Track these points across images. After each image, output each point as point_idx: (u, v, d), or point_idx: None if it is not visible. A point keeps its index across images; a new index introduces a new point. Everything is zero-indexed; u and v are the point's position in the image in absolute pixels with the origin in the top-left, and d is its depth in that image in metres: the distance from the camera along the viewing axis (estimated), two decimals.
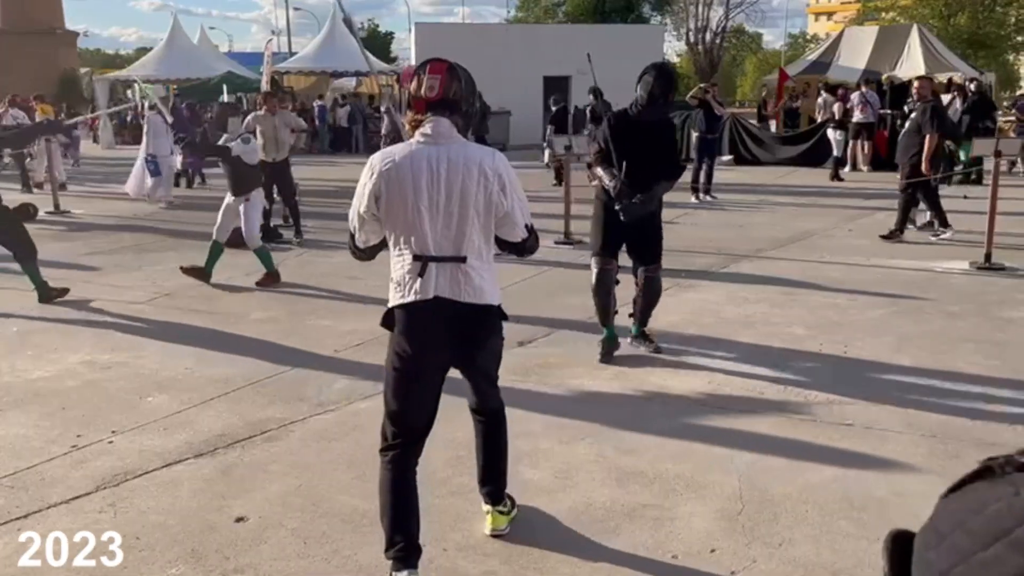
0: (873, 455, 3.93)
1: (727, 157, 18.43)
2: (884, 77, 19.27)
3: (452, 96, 2.86)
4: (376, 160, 2.88)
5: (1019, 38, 34.60)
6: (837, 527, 3.30)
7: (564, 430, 4.27)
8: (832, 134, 15.97)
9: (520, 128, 22.19)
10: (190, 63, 26.80)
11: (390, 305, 2.97)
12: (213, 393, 4.81)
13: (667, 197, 5.41)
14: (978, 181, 13.90)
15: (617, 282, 5.46)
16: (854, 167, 16.51)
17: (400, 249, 2.90)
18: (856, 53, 21.18)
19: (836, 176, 15.30)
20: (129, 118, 25.33)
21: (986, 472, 0.55)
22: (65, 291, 6.93)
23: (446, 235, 2.83)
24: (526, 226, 3.01)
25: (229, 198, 7.59)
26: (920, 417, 4.37)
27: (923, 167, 8.95)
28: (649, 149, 5.07)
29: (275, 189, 9.72)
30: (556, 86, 26.49)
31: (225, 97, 20.21)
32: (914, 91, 10.44)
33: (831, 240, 9.47)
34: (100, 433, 4.25)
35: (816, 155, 17.14)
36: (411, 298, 2.87)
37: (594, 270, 5.35)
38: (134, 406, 4.65)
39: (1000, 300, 6.76)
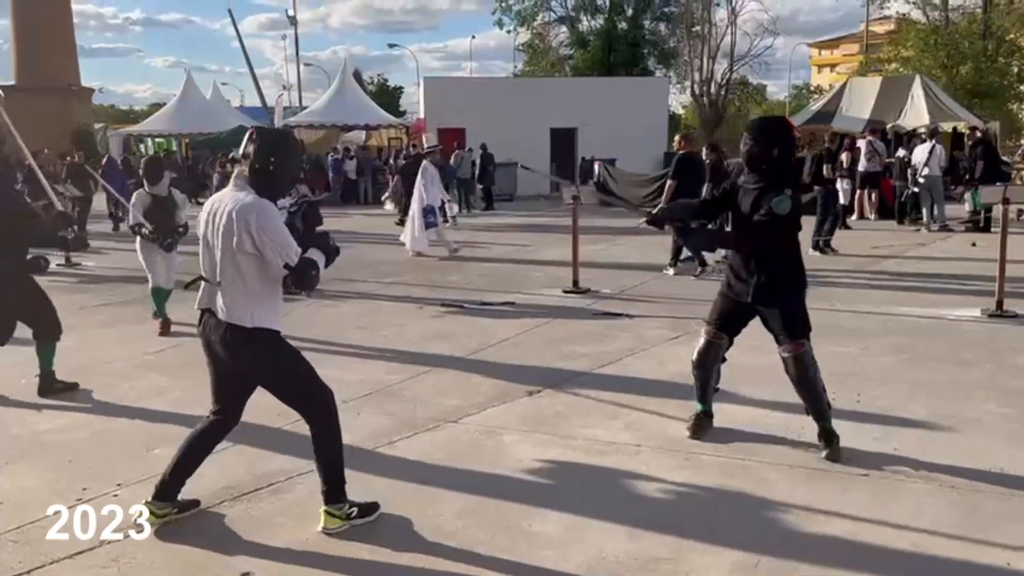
0: (891, 506, 3.85)
1: None
2: (889, 127, 19.44)
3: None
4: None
5: (1022, 87, 34.91)
6: None
7: (574, 481, 4.22)
8: (839, 183, 16.03)
9: (527, 179, 22.39)
10: (202, 118, 27.28)
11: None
12: (220, 445, 4.76)
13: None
14: (986, 229, 13.91)
15: (724, 359, 4.92)
16: (861, 216, 16.55)
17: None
18: (860, 103, 21.42)
19: (843, 225, 15.31)
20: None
21: None
22: (74, 386, 6.01)
23: None
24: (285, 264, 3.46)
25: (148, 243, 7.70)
26: (936, 467, 4.29)
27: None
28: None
29: None
30: (563, 138, 26.88)
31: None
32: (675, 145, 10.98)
33: (840, 288, 9.44)
34: (106, 486, 4.22)
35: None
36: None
37: (700, 340, 4.86)
38: (141, 458, 4.61)
39: (1012, 348, 6.70)
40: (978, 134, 15.57)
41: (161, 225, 7.63)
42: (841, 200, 15.78)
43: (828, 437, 4.47)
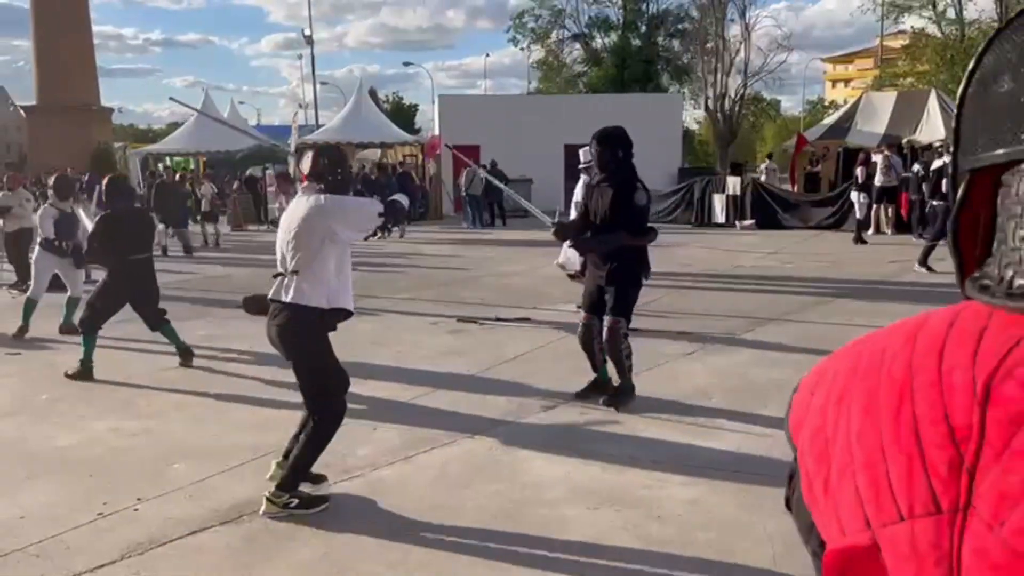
0: None
1: (749, 221, 18.49)
2: (904, 141, 19.38)
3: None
4: None
5: None
6: None
7: (591, 497, 4.21)
8: (855, 197, 16.00)
9: (541, 195, 22.43)
10: (220, 137, 27.49)
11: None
12: (238, 460, 4.80)
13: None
14: None
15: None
16: (877, 230, 16.48)
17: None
18: (875, 118, 21.34)
19: (860, 239, 15.27)
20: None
21: None
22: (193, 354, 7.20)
23: None
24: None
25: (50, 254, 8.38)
26: None
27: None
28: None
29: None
30: (577, 154, 26.89)
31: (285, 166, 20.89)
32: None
33: (856, 303, 9.40)
34: (126, 501, 4.25)
35: (839, 218, 17.16)
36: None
37: (580, 326, 5.92)
38: (160, 473, 4.65)
39: None
40: None
41: (67, 238, 8.35)
42: (858, 215, 15.76)
43: (616, 388, 5.64)
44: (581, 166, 11.37)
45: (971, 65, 0.65)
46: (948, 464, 0.58)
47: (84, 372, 6.69)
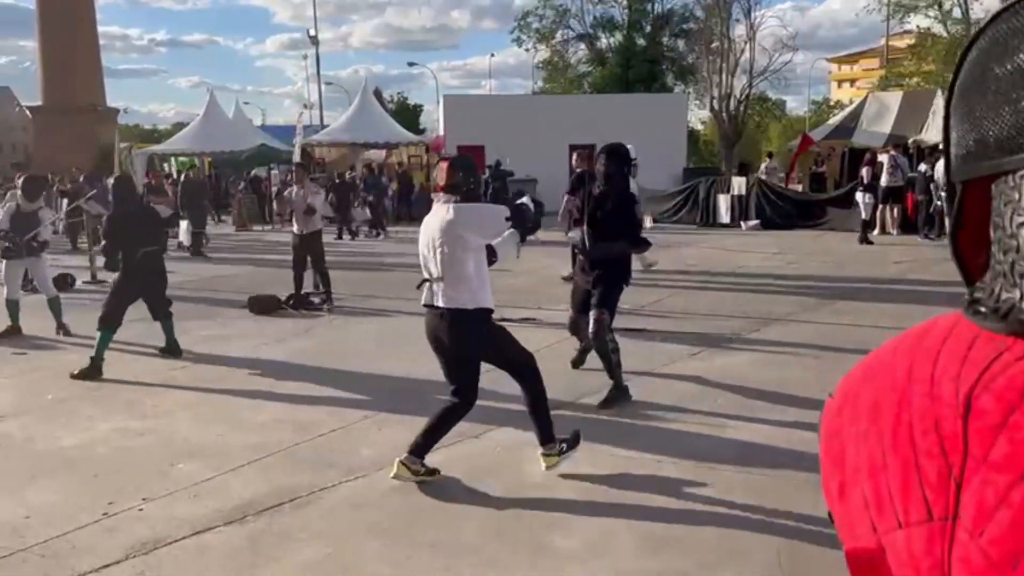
0: None
1: (754, 221, 18.45)
2: (911, 141, 19.32)
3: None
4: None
5: None
6: None
7: (596, 497, 4.21)
8: (861, 197, 15.96)
9: (546, 195, 22.42)
10: (225, 137, 27.54)
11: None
12: (243, 460, 4.81)
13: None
14: None
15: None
16: (883, 230, 16.44)
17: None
18: (881, 118, 21.28)
19: (865, 240, 15.23)
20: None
21: None
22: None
23: None
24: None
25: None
26: None
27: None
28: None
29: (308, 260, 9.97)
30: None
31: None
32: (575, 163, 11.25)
33: (862, 303, 9.38)
34: (131, 501, 4.26)
35: (844, 219, 17.12)
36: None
37: (568, 320, 6.53)
38: (165, 473, 4.66)
39: None
40: None
41: (20, 234, 8.39)
42: (863, 215, 15.72)
43: (612, 392, 5.76)
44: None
45: (953, 74, 0.66)
46: (938, 473, 0.59)
47: (92, 370, 6.73)
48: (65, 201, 17.19)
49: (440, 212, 4.36)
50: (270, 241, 18.21)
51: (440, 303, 4.33)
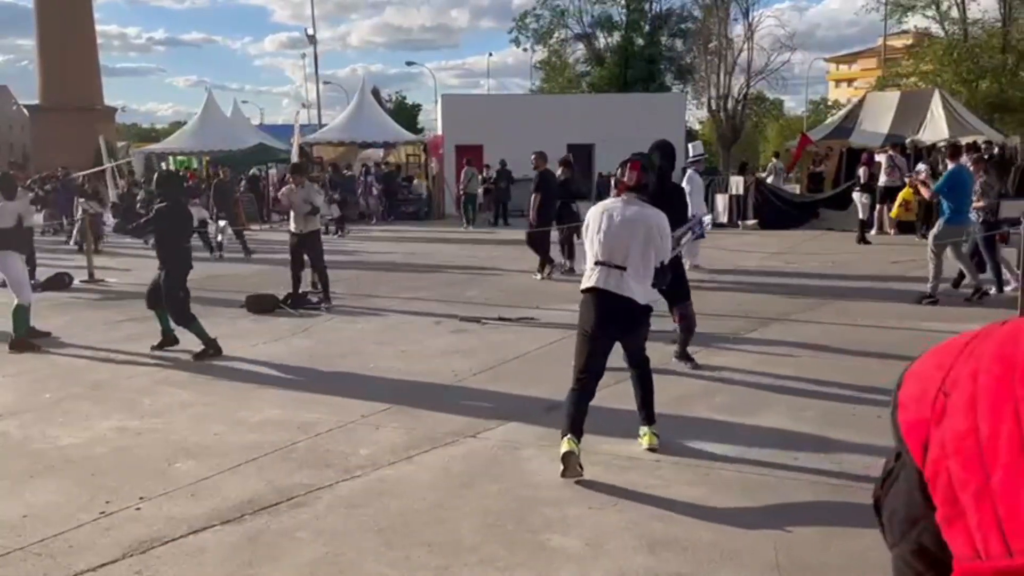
0: None
1: (752, 221, 18.47)
2: (908, 141, 19.33)
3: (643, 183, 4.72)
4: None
5: None
6: None
7: (594, 496, 4.21)
8: (858, 197, 15.97)
9: None
10: (223, 136, 27.52)
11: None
12: (241, 459, 4.81)
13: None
14: (1003, 242, 13.78)
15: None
16: (880, 230, 16.45)
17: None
18: (878, 118, 21.29)
19: (863, 239, 15.24)
20: None
21: None
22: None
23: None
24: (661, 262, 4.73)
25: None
26: None
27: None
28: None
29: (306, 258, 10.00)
30: (580, 154, 26.92)
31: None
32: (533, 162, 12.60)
33: (860, 303, 9.38)
34: (128, 500, 4.25)
35: (842, 219, 17.13)
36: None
37: None
38: (163, 472, 4.65)
39: None
40: (995, 150, 15.44)
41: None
42: (861, 215, 15.73)
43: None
44: (691, 159, 11.39)
45: None
46: None
47: (212, 350, 7.30)
48: (81, 200, 17.19)
49: (635, 207, 4.62)
50: (267, 240, 18.19)
51: (625, 292, 4.55)
